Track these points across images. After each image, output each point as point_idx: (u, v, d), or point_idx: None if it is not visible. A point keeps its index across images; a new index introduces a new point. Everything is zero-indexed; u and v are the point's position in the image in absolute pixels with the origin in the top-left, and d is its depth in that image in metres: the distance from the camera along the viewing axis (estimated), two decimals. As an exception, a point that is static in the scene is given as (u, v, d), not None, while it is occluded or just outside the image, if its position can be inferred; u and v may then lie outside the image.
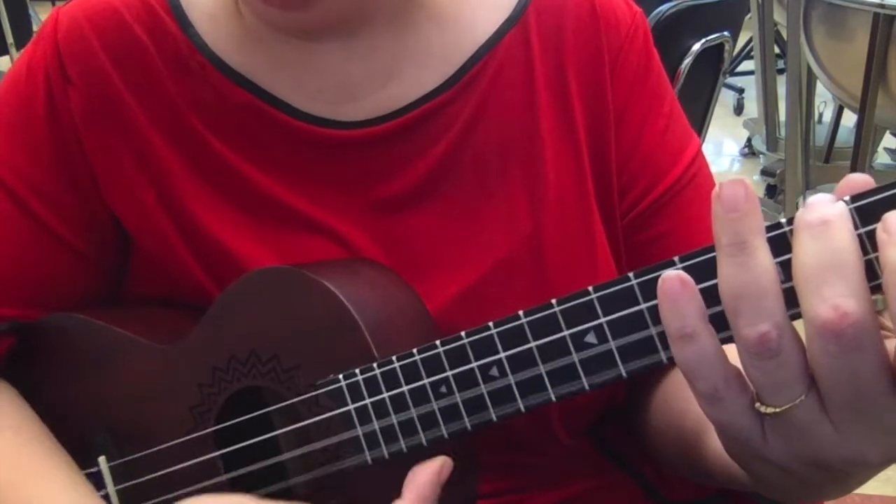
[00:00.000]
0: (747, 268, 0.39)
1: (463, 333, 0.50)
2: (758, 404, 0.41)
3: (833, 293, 0.37)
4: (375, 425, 0.53)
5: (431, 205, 0.64)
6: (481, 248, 0.63)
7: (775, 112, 3.13)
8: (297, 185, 0.63)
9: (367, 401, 0.53)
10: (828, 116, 3.17)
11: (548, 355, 0.48)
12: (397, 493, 0.52)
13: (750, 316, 0.39)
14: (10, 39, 3.33)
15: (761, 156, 3.35)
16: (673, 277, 0.41)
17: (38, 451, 0.63)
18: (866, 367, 0.38)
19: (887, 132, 2.88)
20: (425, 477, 0.51)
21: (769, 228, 0.40)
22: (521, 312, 0.48)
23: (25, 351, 0.67)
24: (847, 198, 0.39)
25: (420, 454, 0.52)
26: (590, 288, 0.46)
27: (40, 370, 0.67)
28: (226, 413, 0.60)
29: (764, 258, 0.39)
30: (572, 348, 0.47)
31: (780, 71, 3.16)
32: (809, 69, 2.66)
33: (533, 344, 0.48)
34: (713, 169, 0.71)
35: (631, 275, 0.45)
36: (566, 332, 0.47)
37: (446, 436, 0.51)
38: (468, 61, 0.64)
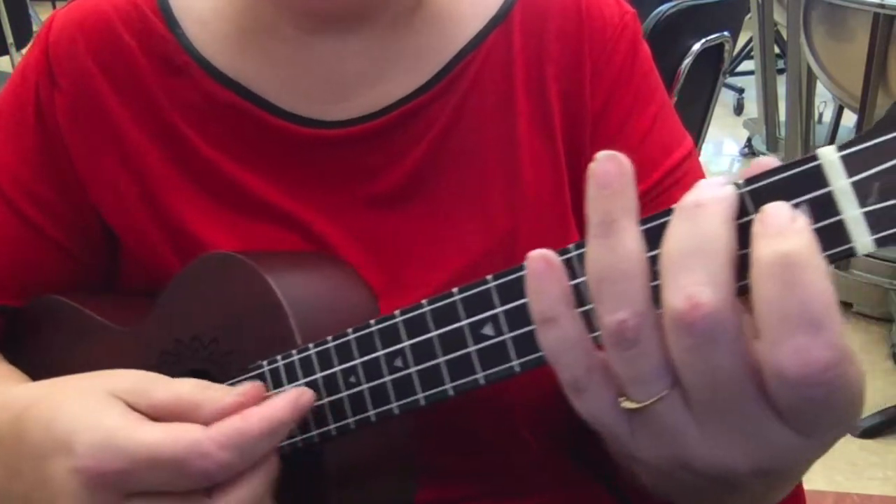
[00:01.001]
0: (612, 249, 0.36)
1: (372, 321, 0.48)
2: (621, 399, 0.38)
3: (690, 281, 0.34)
4: None
5: (414, 203, 0.63)
6: (459, 245, 0.63)
7: (775, 112, 3.13)
8: (282, 184, 0.63)
9: (286, 388, 0.52)
10: (828, 116, 3.17)
11: (447, 346, 0.45)
12: (312, 482, 0.51)
13: (610, 301, 0.36)
14: (10, 39, 3.33)
15: (761, 156, 3.35)
16: (538, 256, 0.38)
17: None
18: (724, 365, 0.35)
19: (887, 132, 2.88)
20: (281, 401, 0.48)
21: (664, 214, 0.37)
22: (424, 301, 0.46)
23: (11, 334, 0.68)
24: (741, 181, 0.36)
25: (332, 445, 0.51)
26: (489, 276, 0.43)
27: (22, 352, 0.68)
28: None
29: (630, 241, 0.36)
30: (470, 339, 0.44)
31: (780, 71, 3.16)
32: (809, 69, 2.67)
33: (434, 333, 0.46)
34: (713, 169, 0.70)
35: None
36: (464, 322, 0.44)
37: (353, 426, 0.50)
38: (451, 61, 0.64)
